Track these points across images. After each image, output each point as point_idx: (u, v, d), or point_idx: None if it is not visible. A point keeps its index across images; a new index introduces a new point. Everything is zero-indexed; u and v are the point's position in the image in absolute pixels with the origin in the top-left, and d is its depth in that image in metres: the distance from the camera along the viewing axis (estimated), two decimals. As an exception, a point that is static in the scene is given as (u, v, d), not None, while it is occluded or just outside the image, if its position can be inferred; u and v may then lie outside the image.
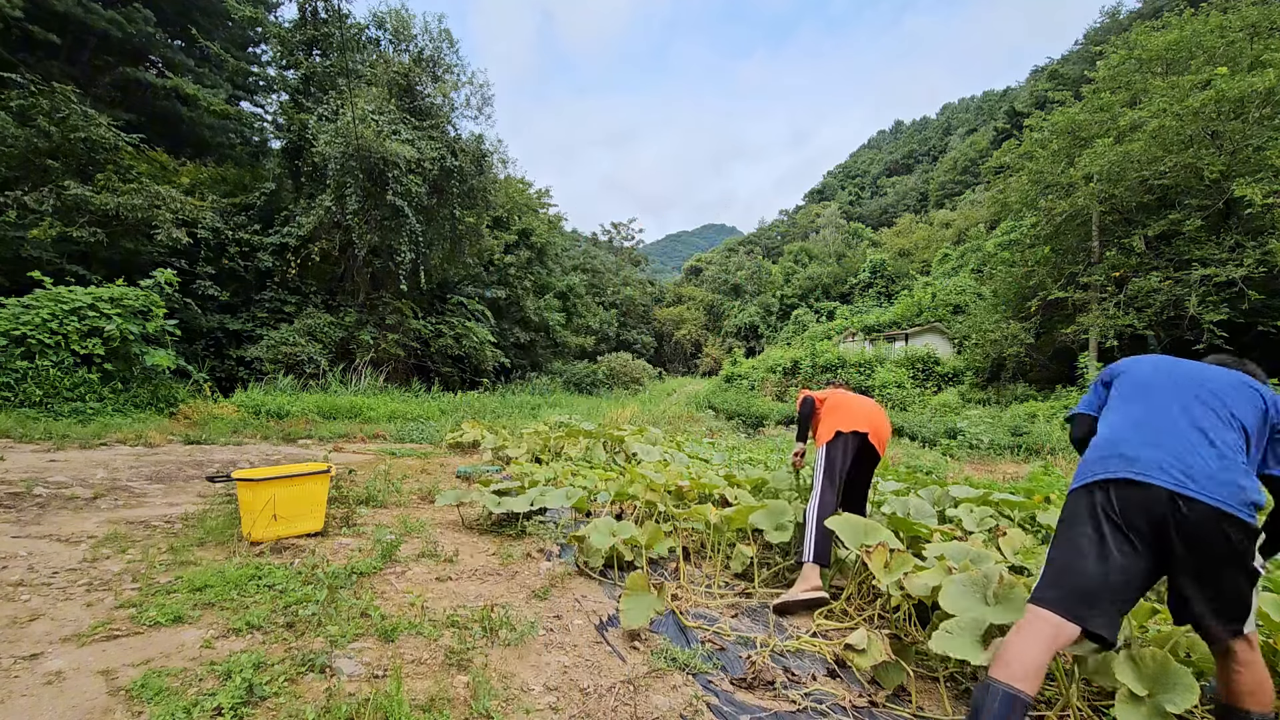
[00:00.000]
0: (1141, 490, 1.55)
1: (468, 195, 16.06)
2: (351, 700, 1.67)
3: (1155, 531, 1.53)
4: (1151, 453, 1.59)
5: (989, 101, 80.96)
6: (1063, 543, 1.65)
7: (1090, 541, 1.58)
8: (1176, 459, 1.55)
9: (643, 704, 1.86)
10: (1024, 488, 4.81)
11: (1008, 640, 1.59)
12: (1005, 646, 1.57)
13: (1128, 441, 1.65)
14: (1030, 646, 1.53)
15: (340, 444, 7.66)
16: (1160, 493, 1.52)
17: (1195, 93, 14.47)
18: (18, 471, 4.41)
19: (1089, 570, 1.55)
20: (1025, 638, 1.55)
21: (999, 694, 1.46)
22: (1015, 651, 1.53)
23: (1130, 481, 1.57)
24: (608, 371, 28.09)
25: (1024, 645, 1.54)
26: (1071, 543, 1.62)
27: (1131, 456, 1.60)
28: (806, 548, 2.79)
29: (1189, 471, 1.52)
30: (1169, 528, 1.51)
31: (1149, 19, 20.00)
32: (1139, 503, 1.55)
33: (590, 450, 6.27)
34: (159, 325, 8.27)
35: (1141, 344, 16.52)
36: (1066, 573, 1.59)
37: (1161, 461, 1.56)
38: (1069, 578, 1.58)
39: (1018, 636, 1.57)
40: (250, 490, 3.06)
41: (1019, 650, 1.53)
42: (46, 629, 2.06)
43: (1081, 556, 1.57)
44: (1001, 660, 1.53)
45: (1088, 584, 1.54)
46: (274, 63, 17.86)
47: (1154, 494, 1.53)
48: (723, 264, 60.25)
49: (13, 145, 11.02)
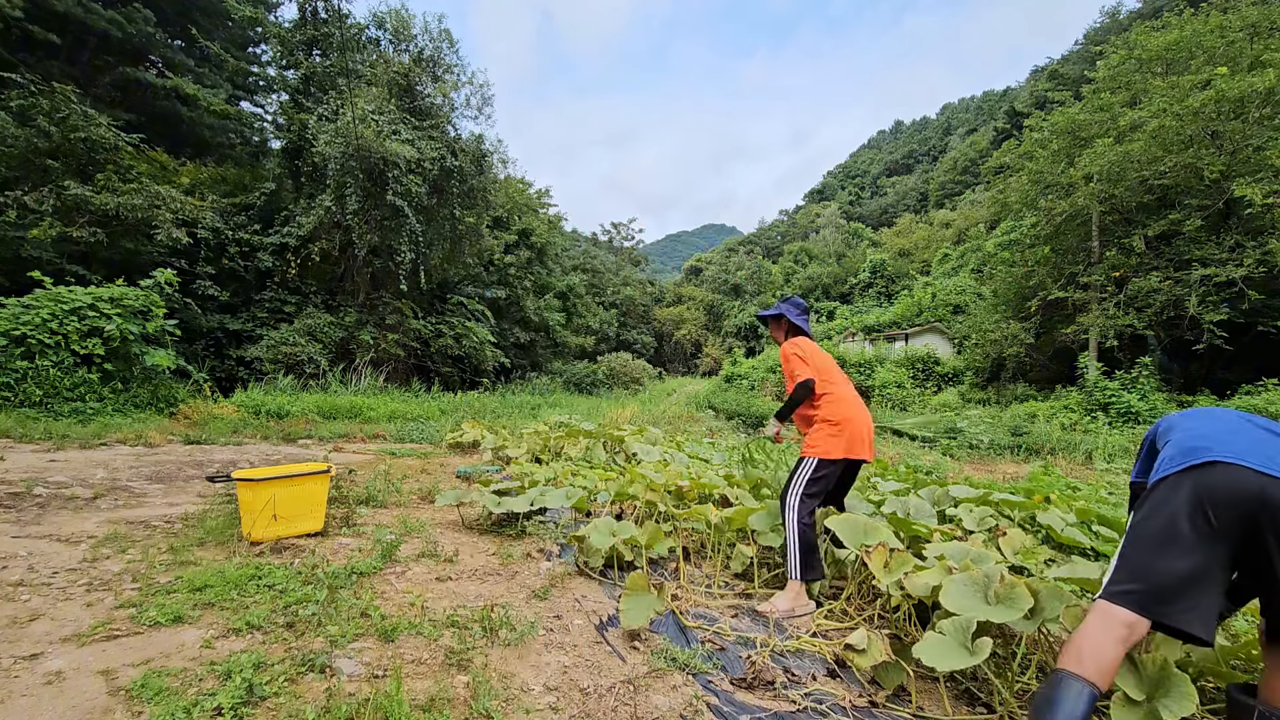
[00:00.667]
0: (1228, 472, 1.50)
1: (468, 195, 16.06)
2: (351, 700, 1.67)
3: (1242, 518, 1.48)
4: (1234, 439, 1.56)
5: (989, 101, 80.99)
6: (1135, 535, 1.60)
7: (1175, 532, 1.52)
8: (1257, 447, 1.53)
9: (643, 704, 1.86)
10: (1024, 488, 4.81)
11: (1081, 632, 1.54)
12: (1079, 638, 1.52)
13: (1205, 437, 1.62)
14: (1104, 642, 1.48)
15: (340, 444, 7.66)
16: (1248, 474, 1.48)
17: (1195, 93, 14.48)
18: (18, 471, 4.41)
19: (1168, 566, 1.50)
20: (1098, 632, 1.51)
21: (1075, 688, 1.42)
22: (1090, 646, 1.49)
23: (1214, 464, 1.52)
24: (608, 371, 28.09)
25: (1098, 640, 1.49)
26: (1152, 535, 1.56)
27: (1214, 443, 1.57)
28: (793, 567, 2.66)
29: (1274, 458, 1.49)
30: (1257, 512, 1.45)
31: (1149, 19, 20.00)
32: (1226, 486, 1.49)
33: (590, 450, 6.27)
34: (159, 325, 8.27)
35: (1141, 344, 16.53)
36: (1144, 567, 1.54)
37: (1245, 447, 1.53)
38: (1146, 572, 1.53)
39: (1086, 630, 1.53)
40: (250, 490, 3.06)
41: (1094, 645, 1.49)
42: (46, 629, 2.06)
43: (1157, 550, 1.53)
44: (1074, 653, 1.49)
45: (1166, 579, 1.49)
46: (274, 63, 17.87)
47: (1241, 475, 1.48)
48: (723, 264, 60.28)
49: (13, 145, 11.02)
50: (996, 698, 1.98)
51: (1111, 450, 10.54)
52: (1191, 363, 15.83)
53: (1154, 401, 13.83)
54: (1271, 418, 8.21)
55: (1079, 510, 3.75)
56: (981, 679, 2.14)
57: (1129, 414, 13.65)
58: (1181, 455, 1.61)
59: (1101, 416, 13.96)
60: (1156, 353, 16.30)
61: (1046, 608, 1.92)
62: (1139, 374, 14.73)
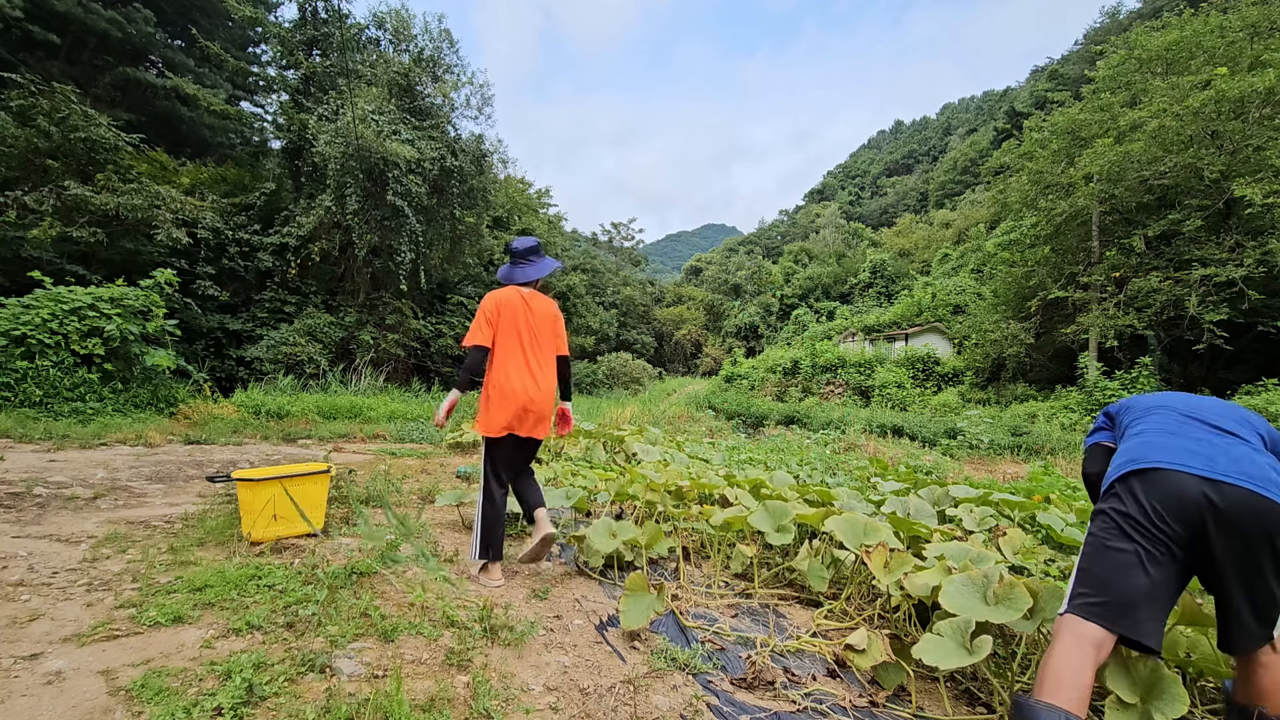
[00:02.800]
0: (1172, 478, 1.52)
1: (468, 195, 16.06)
2: (351, 700, 1.67)
3: (1190, 524, 1.49)
4: (1178, 442, 1.60)
5: (989, 101, 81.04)
6: (1095, 549, 1.60)
7: (1125, 545, 1.53)
8: (1201, 449, 1.56)
9: (643, 704, 1.86)
10: (1024, 488, 4.82)
11: (1056, 657, 1.49)
12: (1056, 664, 1.48)
13: (1151, 444, 1.66)
14: (1081, 667, 1.45)
15: (340, 444, 7.65)
16: (1190, 480, 1.50)
17: (1195, 93, 14.49)
18: (18, 471, 4.41)
19: (1129, 579, 1.50)
20: (1072, 654, 1.47)
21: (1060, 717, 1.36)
22: (1070, 672, 1.44)
23: (1157, 470, 1.55)
24: (608, 371, 28.09)
25: (1075, 664, 1.46)
26: (1106, 548, 1.57)
27: (1158, 450, 1.61)
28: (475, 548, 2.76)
29: (1215, 460, 1.52)
30: (1204, 518, 1.47)
31: (1149, 19, 20.02)
32: (1171, 493, 1.51)
33: (590, 450, 6.27)
34: (159, 325, 8.26)
35: (1141, 344, 16.53)
36: (1105, 579, 1.54)
37: (1188, 450, 1.56)
38: (1108, 584, 1.53)
39: (1063, 653, 1.49)
40: (250, 490, 3.06)
41: (1072, 671, 1.44)
42: (46, 629, 2.06)
43: (1118, 563, 1.53)
44: (1052, 680, 1.44)
45: (1128, 592, 1.49)
46: (274, 63, 17.87)
47: (1184, 481, 1.50)
48: (723, 264, 60.29)
49: (13, 145, 11.01)
50: (996, 698, 1.98)
51: (1111, 450, 10.52)
52: (1191, 363, 15.83)
53: (1154, 401, 13.81)
54: (1271, 418, 8.34)
55: (1079, 510, 3.75)
56: (981, 679, 2.14)
57: (1129, 414, 13.63)
58: (1128, 461, 1.65)
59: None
60: (1156, 353, 16.30)
61: (1046, 608, 1.92)
62: (1139, 374, 14.73)
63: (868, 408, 19.79)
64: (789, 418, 17.24)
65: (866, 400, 22.10)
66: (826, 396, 23.51)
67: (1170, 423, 1.73)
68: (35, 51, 16.53)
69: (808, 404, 20.75)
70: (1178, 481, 1.52)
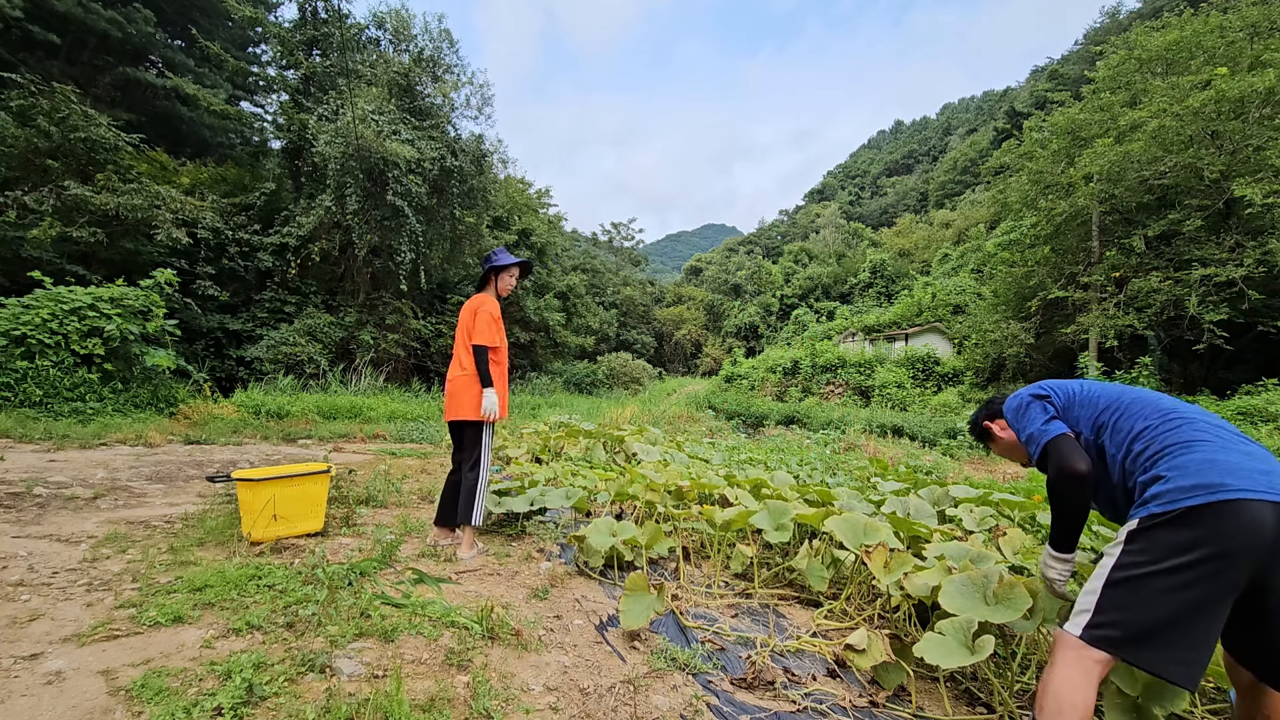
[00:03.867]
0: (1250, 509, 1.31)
1: (468, 195, 16.06)
2: (351, 700, 1.67)
3: (1258, 558, 1.31)
4: (1241, 463, 1.38)
5: (989, 101, 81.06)
6: (1135, 586, 1.38)
7: (1184, 591, 1.32)
8: (1258, 468, 1.37)
9: (643, 704, 1.86)
10: (1024, 488, 4.82)
11: (1061, 682, 1.40)
12: (1063, 690, 1.38)
13: (1216, 465, 1.41)
14: (1087, 692, 1.37)
15: (340, 444, 7.66)
16: (1265, 509, 1.30)
17: (1195, 93, 14.47)
18: (18, 471, 4.41)
19: (1185, 630, 1.32)
20: (1079, 679, 1.38)
21: None
22: (1080, 700, 1.36)
23: (1238, 501, 1.32)
24: (608, 371, 28.08)
25: (1082, 691, 1.36)
26: (1156, 590, 1.35)
27: (1228, 474, 1.37)
28: (477, 513, 3.18)
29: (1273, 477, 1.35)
30: (1273, 549, 1.29)
31: (1149, 19, 20.02)
32: (1249, 526, 1.30)
33: (590, 450, 6.27)
34: (159, 325, 8.27)
35: (1141, 344, 16.53)
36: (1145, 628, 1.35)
37: (1257, 471, 1.36)
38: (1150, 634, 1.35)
39: (1067, 679, 1.40)
40: (250, 490, 3.06)
41: (1081, 699, 1.36)
42: (46, 629, 2.06)
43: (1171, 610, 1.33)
44: (1054, 707, 1.37)
45: (1175, 640, 1.32)
46: (274, 63, 17.87)
47: (1261, 512, 1.30)
48: (723, 264, 60.32)
49: (13, 145, 11.01)
50: (996, 698, 1.98)
51: (1111, 450, 10.52)
52: (1191, 363, 15.82)
53: (1154, 401, 13.80)
54: (1270, 418, 8.35)
55: (1079, 510, 3.74)
56: (981, 679, 2.14)
57: (1129, 414, 13.62)
58: (1198, 486, 1.36)
59: (1101, 416, 13.93)
60: (1156, 353, 16.29)
61: (1046, 608, 1.92)
62: (1139, 374, 14.73)
63: (868, 408, 19.79)
64: (789, 418, 17.24)
65: (866, 400, 22.10)
66: (826, 396, 23.52)
67: (1208, 431, 1.50)
68: (35, 51, 16.54)
69: (808, 404, 20.76)
70: (1256, 513, 1.30)
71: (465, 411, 3.23)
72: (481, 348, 3.20)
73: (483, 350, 3.19)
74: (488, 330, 3.21)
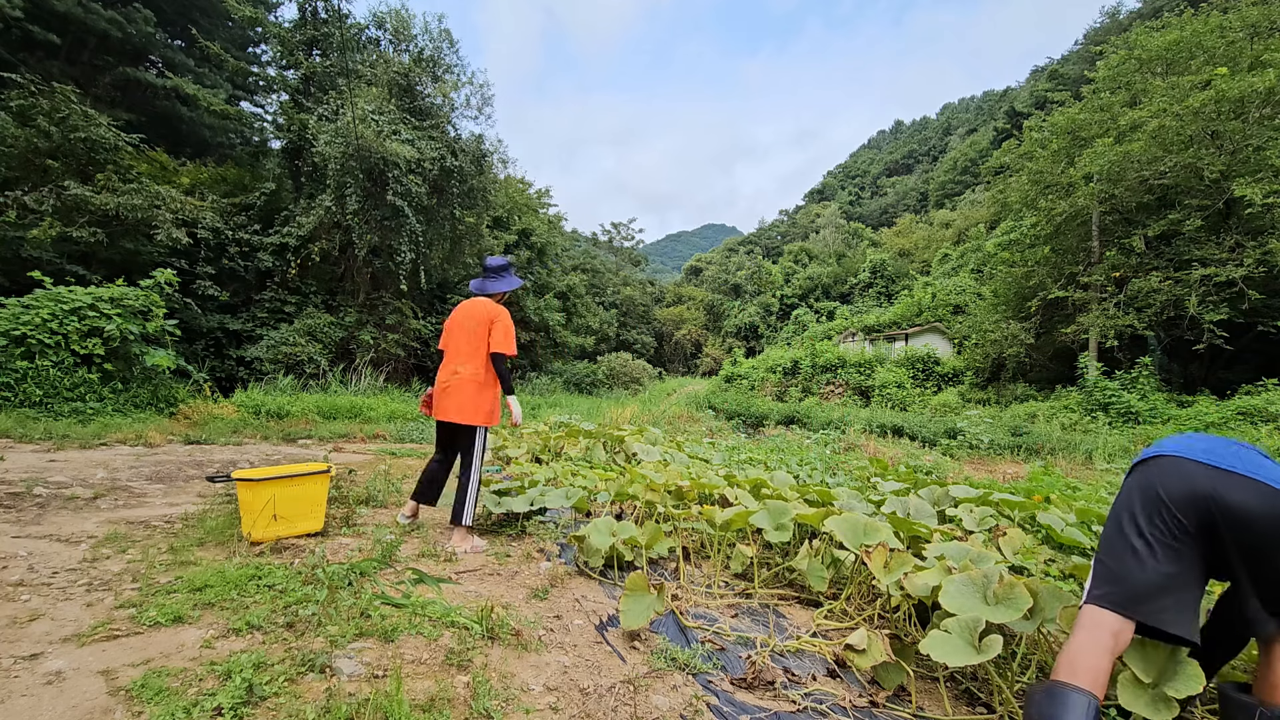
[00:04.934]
0: (1175, 465, 1.57)
1: (468, 195, 16.06)
2: (351, 700, 1.67)
3: (1198, 513, 1.51)
4: (1186, 440, 1.65)
5: (989, 101, 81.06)
6: (1107, 541, 1.65)
7: (1134, 537, 1.57)
8: (1207, 445, 1.60)
9: (643, 704, 1.86)
10: (1024, 488, 4.82)
11: (1072, 644, 1.55)
12: (1072, 650, 1.54)
13: (1163, 442, 1.71)
14: (1095, 652, 1.50)
15: (340, 444, 7.66)
16: (1192, 466, 1.53)
17: (1195, 93, 14.48)
18: (18, 471, 4.41)
19: (1141, 569, 1.54)
20: (1088, 643, 1.53)
21: (1079, 701, 1.40)
22: (1084, 658, 1.50)
23: (1160, 458, 1.60)
24: (608, 371, 28.09)
25: (1090, 650, 1.50)
26: (1115, 540, 1.61)
27: (1164, 443, 1.68)
28: (469, 513, 3.27)
29: (1217, 452, 1.55)
30: (1209, 506, 1.49)
31: (1149, 19, 20.02)
32: (1174, 480, 1.55)
33: (590, 450, 6.27)
34: (159, 325, 8.27)
35: (1141, 344, 16.53)
36: (1116, 569, 1.59)
37: (1192, 445, 1.61)
38: (1118, 573, 1.57)
39: (1079, 640, 1.55)
40: (250, 490, 3.06)
41: (1086, 656, 1.50)
42: (46, 629, 2.06)
43: (1128, 554, 1.57)
44: (1067, 665, 1.50)
45: (1139, 579, 1.53)
46: (274, 63, 17.87)
47: (1186, 467, 1.54)
48: (723, 264, 60.35)
49: (13, 145, 11.01)
50: (996, 698, 1.98)
51: (1111, 450, 10.53)
52: (1191, 363, 15.82)
53: (1154, 401, 13.82)
54: (1270, 418, 8.34)
55: (1079, 510, 3.74)
56: (981, 679, 2.14)
57: (1129, 414, 13.64)
58: (1139, 456, 1.72)
59: (1101, 416, 13.96)
60: (1156, 353, 16.30)
61: (1046, 608, 1.92)
62: (1139, 374, 14.73)
63: (868, 408, 19.79)
64: (789, 418, 17.24)
65: (866, 400, 22.10)
66: (826, 396, 23.52)
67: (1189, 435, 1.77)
68: (35, 51, 16.54)
69: (808, 404, 20.75)
70: (1181, 468, 1.55)
71: (466, 414, 3.26)
72: (501, 355, 3.30)
73: (502, 359, 3.32)
74: (508, 340, 3.35)
